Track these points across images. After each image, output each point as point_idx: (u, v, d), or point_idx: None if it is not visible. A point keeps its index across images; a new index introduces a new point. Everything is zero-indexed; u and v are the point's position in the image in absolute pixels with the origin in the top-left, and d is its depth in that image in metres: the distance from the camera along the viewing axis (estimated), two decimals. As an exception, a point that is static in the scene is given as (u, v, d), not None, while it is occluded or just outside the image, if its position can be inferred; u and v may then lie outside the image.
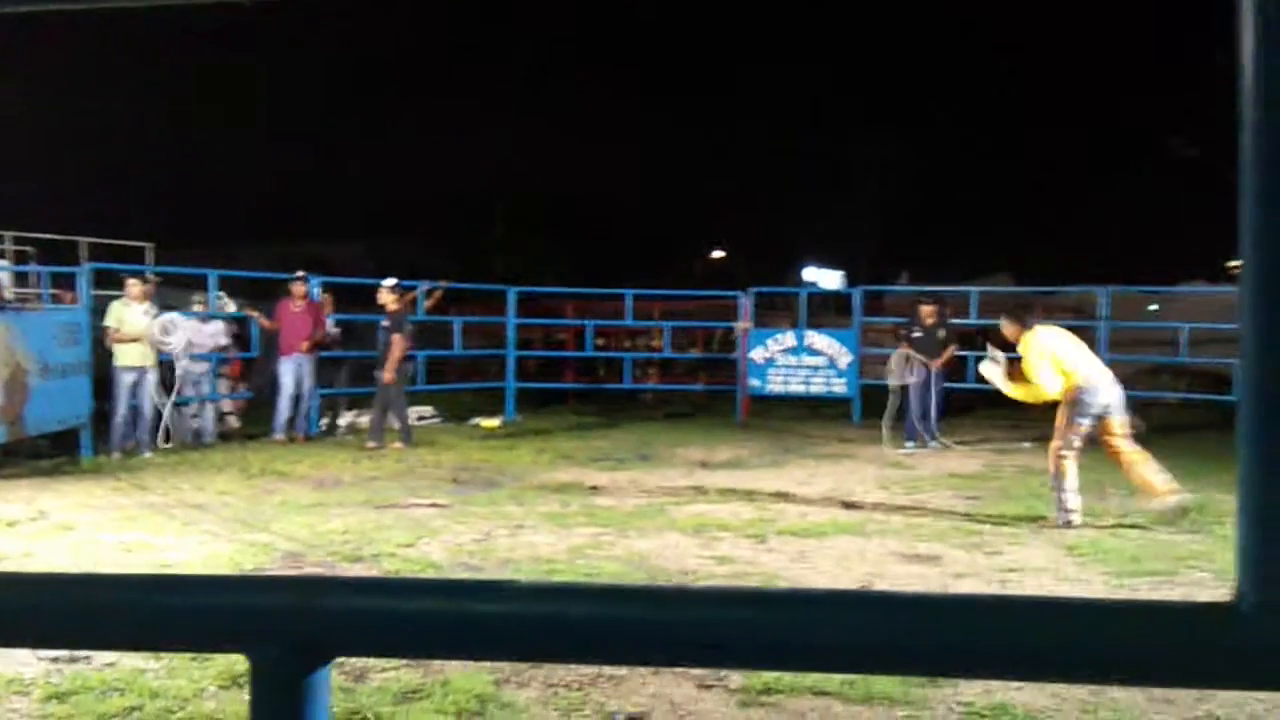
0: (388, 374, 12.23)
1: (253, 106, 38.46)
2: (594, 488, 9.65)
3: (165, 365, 11.69)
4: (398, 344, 12.27)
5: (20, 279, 14.65)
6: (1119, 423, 7.96)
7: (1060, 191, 39.14)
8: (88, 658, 4.82)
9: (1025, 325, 8.13)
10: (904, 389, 12.77)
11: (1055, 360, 7.96)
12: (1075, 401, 7.89)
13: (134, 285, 11.41)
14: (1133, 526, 7.98)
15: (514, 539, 7.44)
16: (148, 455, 11.11)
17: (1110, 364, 14.08)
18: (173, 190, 34.67)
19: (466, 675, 4.61)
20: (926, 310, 13.05)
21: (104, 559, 6.78)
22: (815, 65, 47.19)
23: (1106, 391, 7.93)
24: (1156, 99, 34.79)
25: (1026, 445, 11.00)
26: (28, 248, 16.00)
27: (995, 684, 4.54)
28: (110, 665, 4.74)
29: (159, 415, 11.54)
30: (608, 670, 4.74)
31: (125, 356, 11.22)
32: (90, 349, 11.14)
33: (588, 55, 46.63)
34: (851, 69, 46.99)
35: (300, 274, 13.19)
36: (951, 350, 13.10)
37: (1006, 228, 36.59)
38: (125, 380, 11.15)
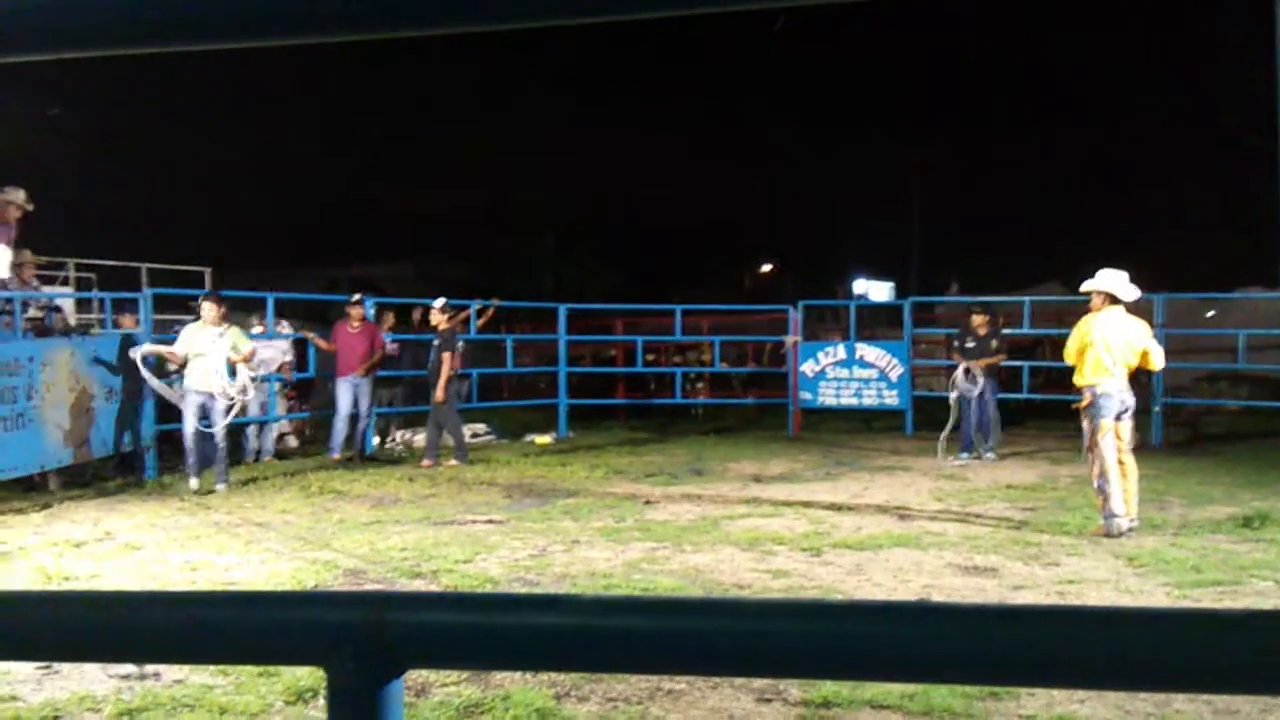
0: (439, 393, 12.35)
1: (304, 131, 39.02)
2: (648, 502, 9.68)
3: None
4: (447, 362, 12.39)
5: (83, 305, 14.98)
6: (1127, 428, 8.18)
7: (1111, 198, 38.67)
8: (157, 674, 4.92)
9: (1108, 303, 8.22)
10: (965, 402, 12.61)
11: (1092, 343, 8.07)
12: (1092, 405, 8.07)
13: (210, 309, 10.65)
14: (1194, 536, 7.87)
15: (570, 554, 7.49)
16: (220, 488, 10.45)
17: (1166, 372, 14.00)
18: (226, 216, 35.28)
19: (526, 690, 4.65)
20: (979, 321, 12.93)
21: (170, 578, 6.91)
22: (862, 76, 47.03)
23: (1120, 397, 8.08)
24: (1209, 100, 34.29)
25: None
26: (89, 274, 16.36)
27: (1058, 695, 4.50)
28: (179, 682, 4.84)
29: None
30: (666, 684, 4.76)
31: (191, 379, 10.66)
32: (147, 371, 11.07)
33: (636, 72, 46.83)
34: (898, 79, 46.78)
35: (356, 297, 13.38)
36: (1001, 358, 12.94)
37: (1056, 235, 36.21)
38: (193, 403, 10.59)
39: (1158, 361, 8.35)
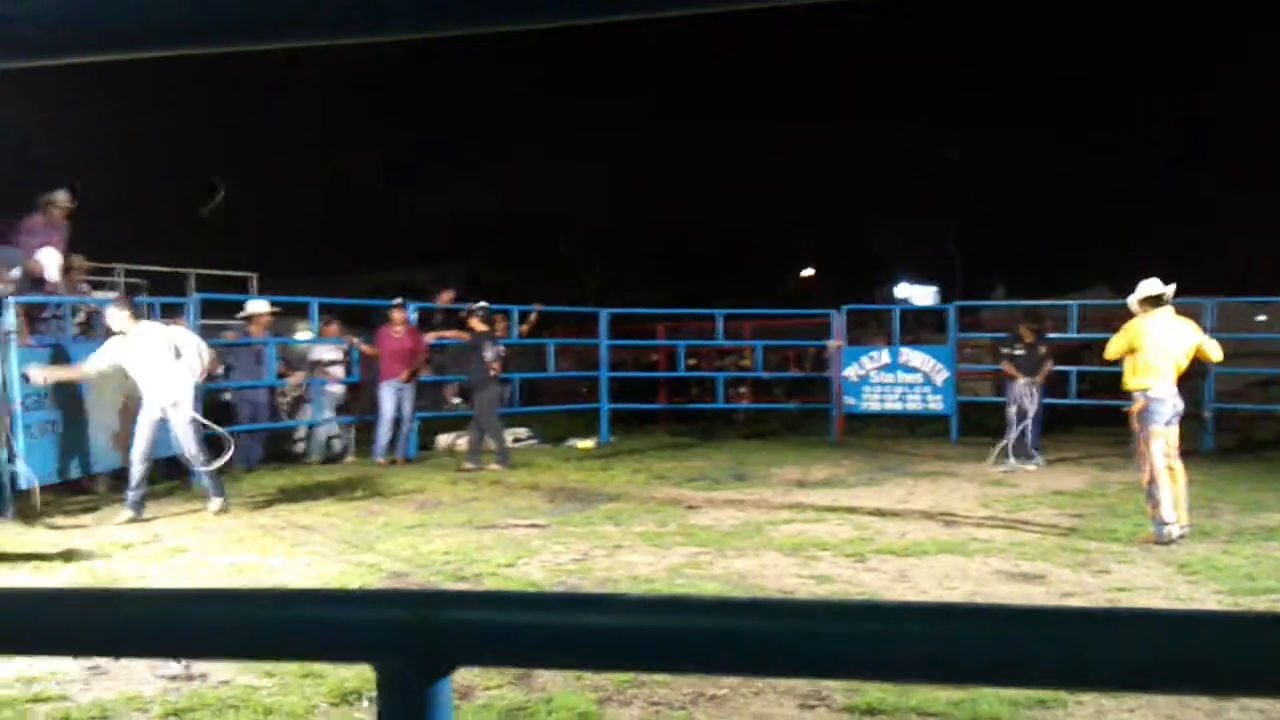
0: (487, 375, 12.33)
1: (345, 135, 39.40)
2: (690, 507, 9.65)
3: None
4: (489, 350, 12.41)
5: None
6: (1174, 433, 8.03)
7: (1160, 201, 38.12)
8: (204, 675, 4.97)
9: (1150, 307, 8.12)
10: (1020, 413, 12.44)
11: (1144, 346, 7.95)
12: (1145, 411, 7.94)
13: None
14: (1247, 543, 7.74)
15: (612, 559, 7.48)
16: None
17: (1216, 376, 13.78)
18: (273, 221, 35.64)
19: (569, 694, 4.64)
20: (1027, 332, 12.74)
21: (216, 580, 6.98)
22: (903, 77, 46.74)
23: (1172, 402, 7.95)
24: (1255, 101, 33.79)
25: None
26: (138, 280, 16.57)
27: (1107, 704, 4.44)
28: (225, 683, 4.88)
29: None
30: (709, 690, 4.74)
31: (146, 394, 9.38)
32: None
33: (676, 77, 46.89)
34: (940, 81, 46.45)
35: (399, 301, 13.47)
36: (1049, 366, 12.77)
37: (1104, 238, 35.81)
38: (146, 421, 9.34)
39: (1214, 353, 8.17)
